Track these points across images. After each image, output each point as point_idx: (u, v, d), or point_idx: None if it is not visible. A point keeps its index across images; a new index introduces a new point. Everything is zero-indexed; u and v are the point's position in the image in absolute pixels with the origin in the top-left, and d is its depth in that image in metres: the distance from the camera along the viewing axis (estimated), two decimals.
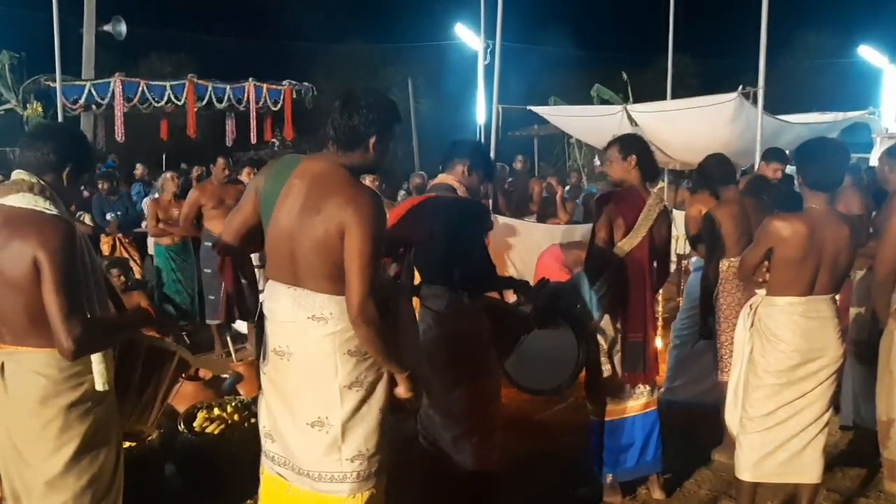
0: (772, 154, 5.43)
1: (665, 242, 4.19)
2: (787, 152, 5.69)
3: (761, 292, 3.60)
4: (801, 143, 3.71)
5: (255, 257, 3.02)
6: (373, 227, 2.49)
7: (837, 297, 3.62)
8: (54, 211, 2.40)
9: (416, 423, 3.51)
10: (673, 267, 6.13)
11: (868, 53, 12.49)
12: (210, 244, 6.66)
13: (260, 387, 2.79)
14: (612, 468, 4.15)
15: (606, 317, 4.02)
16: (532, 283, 4.35)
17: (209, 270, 6.72)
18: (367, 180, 6.28)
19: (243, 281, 2.85)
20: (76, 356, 2.31)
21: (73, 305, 2.30)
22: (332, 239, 2.49)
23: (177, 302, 7.31)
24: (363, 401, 2.63)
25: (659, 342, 5.73)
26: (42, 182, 2.45)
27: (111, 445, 2.53)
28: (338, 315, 2.55)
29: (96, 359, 2.41)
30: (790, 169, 5.21)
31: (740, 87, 6.84)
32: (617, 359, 4.06)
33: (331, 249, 2.50)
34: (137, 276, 7.40)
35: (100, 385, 2.41)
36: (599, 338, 4.02)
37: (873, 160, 9.47)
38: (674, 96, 9.48)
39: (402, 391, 2.69)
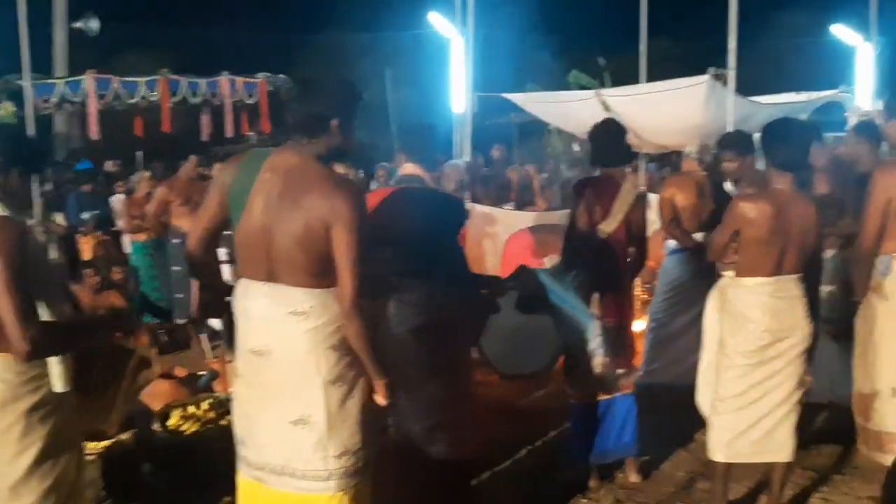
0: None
1: (641, 227, 4.21)
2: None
3: (730, 273, 3.62)
4: (768, 124, 3.72)
5: (221, 252, 3.00)
6: (359, 220, 2.48)
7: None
8: (5, 213, 2.37)
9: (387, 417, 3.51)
10: None
11: (841, 32, 12.51)
12: (178, 241, 6.63)
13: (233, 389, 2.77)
14: (591, 451, 4.17)
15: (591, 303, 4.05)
16: (501, 268, 4.38)
17: (178, 268, 6.69)
18: (339, 171, 6.25)
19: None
20: (31, 358, 2.29)
21: (27, 308, 2.27)
22: (314, 233, 2.46)
23: (153, 300, 7.27)
24: (347, 396, 2.60)
25: (636, 326, 5.77)
26: None
27: (73, 447, 2.51)
28: (319, 309, 2.52)
29: (54, 360, 2.38)
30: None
31: (711, 70, 6.85)
32: (593, 346, 4.08)
33: (314, 243, 2.47)
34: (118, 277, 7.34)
35: (58, 387, 2.39)
36: (592, 325, 4.04)
37: None
38: (653, 79, 9.46)
39: (380, 398, 2.68)
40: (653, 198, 7.03)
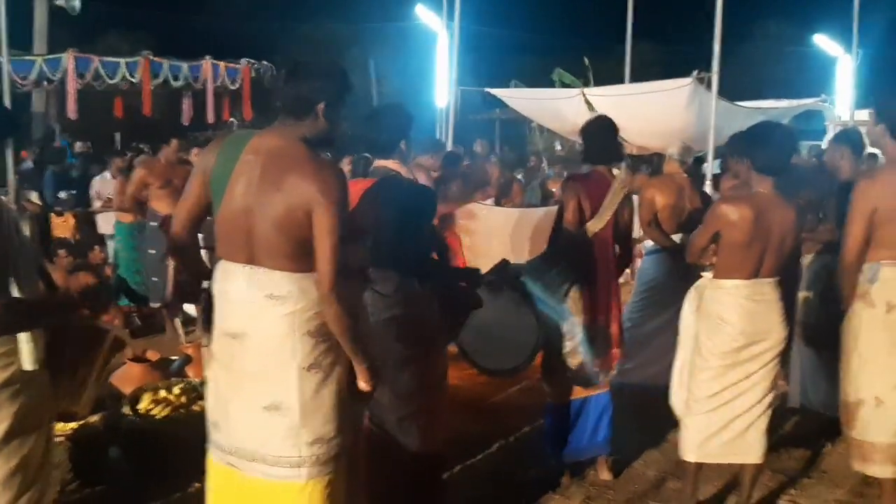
0: None
1: (627, 227, 4.20)
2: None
3: (708, 275, 3.64)
4: (749, 128, 3.73)
5: (200, 238, 2.95)
6: (340, 204, 2.45)
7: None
8: None
9: (364, 407, 3.49)
10: None
11: (823, 42, 12.68)
12: (155, 224, 6.57)
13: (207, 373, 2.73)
14: (564, 449, 4.18)
15: (576, 302, 4.03)
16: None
17: (154, 251, 6.62)
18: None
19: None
20: None
21: None
22: (295, 216, 2.43)
23: (131, 283, 7.18)
24: (322, 383, 2.57)
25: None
26: None
27: (42, 428, 2.45)
28: (297, 294, 2.49)
29: (24, 338, 2.32)
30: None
31: (695, 72, 6.89)
32: (571, 344, 4.07)
33: (294, 226, 2.44)
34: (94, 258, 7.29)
35: (28, 365, 2.33)
36: (572, 323, 4.03)
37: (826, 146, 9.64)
38: (636, 82, 9.52)
39: (362, 384, 2.64)
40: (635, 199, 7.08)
